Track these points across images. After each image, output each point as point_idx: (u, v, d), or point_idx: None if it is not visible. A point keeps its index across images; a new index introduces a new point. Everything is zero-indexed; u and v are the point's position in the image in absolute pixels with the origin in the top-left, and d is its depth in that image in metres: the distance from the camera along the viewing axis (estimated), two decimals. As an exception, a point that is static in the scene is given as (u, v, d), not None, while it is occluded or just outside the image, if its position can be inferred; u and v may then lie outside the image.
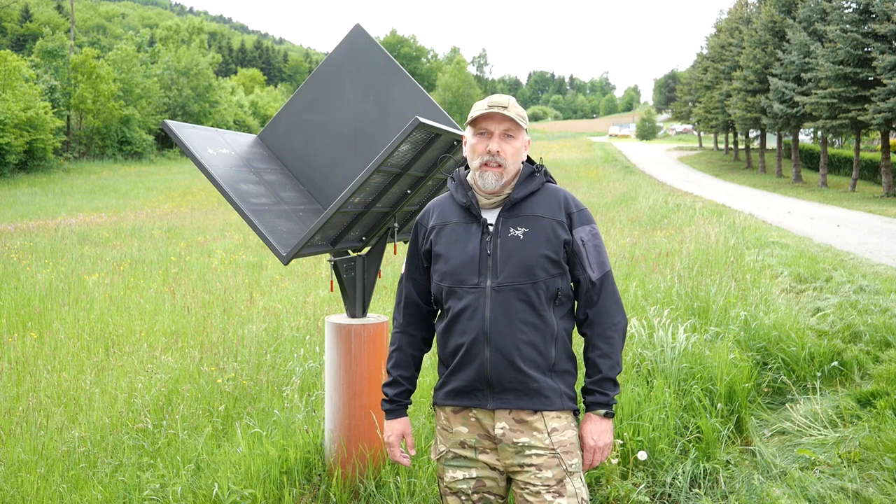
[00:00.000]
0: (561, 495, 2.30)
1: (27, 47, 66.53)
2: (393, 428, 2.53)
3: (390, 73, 3.93)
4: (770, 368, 5.56)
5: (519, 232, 2.35)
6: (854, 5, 27.93)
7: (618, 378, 2.41)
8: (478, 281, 2.33)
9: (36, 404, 4.54)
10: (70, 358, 5.57)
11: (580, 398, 2.44)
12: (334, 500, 3.54)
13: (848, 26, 27.06)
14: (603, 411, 2.37)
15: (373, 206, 3.47)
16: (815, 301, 7.81)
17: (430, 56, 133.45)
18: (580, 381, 2.47)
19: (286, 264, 3.23)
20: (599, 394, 2.37)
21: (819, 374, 5.45)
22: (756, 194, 28.13)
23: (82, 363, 5.47)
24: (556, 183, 2.50)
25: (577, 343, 4.30)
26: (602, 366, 2.36)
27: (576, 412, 2.43)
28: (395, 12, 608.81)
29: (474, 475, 2.39)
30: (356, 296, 3.73)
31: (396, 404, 2.53)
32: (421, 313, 2.54)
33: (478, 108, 2.37)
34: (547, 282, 2.33)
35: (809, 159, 45.55)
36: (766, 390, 5.31)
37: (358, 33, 3.98)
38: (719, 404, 4.61)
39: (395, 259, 10.00)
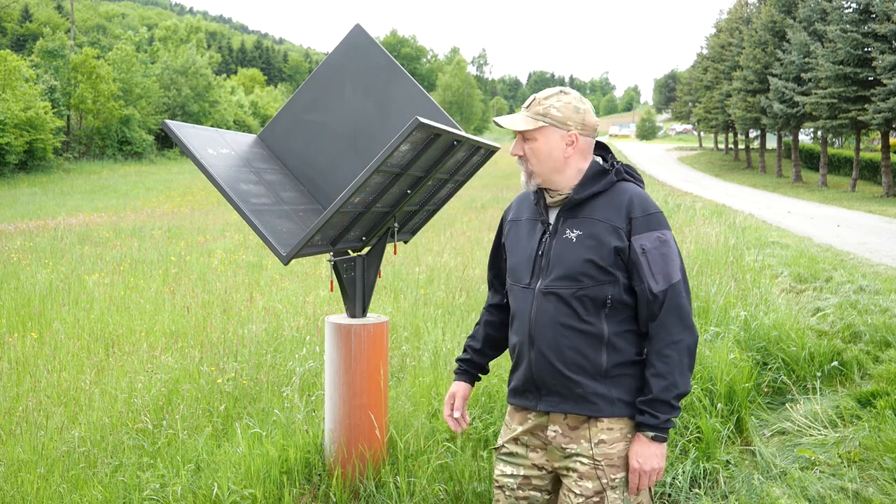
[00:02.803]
0: None
1: (27, 47, 66.51)
2: (449, 389, 2.63)
3: (390, 73, 3.93)
4: (770, 368, 5.56)
5: (573, 234, 2.27)
6: (854, 5, 27.94)
7: (677, 402, 2.22)
8: (529, 281, 2.33)
9: (36, 404, 4.53)
10: (70, 358, 5.56)
11: None
12: (334, 500, 3.54)
13: (848, 26, 27.06)
14: (651, 434, 2.22)
15: (373, 206, 3.47)
16: (815, 301, 7.81)
17: (430, 56, 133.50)
18: None
19: (286, 264, 3.23)
20: (649, 415, 2.22)
21: (819, 374, 5.44)
22: (756, 194, 28.13)
23: (82, 363, 5.46)
24: (636, 181, 2.36)
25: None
26: (654, 385, 2.21)
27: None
28: (395, 12, 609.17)
29: (521, 473, 2.39)
30: (356, 296, 3.73)
31: (459, 368, 2.61)
32: (501, 297, 2.58)
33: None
34: (593, 289, 2.24)
35: (809, 159, 45.55)
36: (766, 390, 5.31)
37: (358, 33, 3.98)
38: (719, 404, 4.61)
39: (395, 259, 10.00)
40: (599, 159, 2.39)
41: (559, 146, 2.30)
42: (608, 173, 2.32)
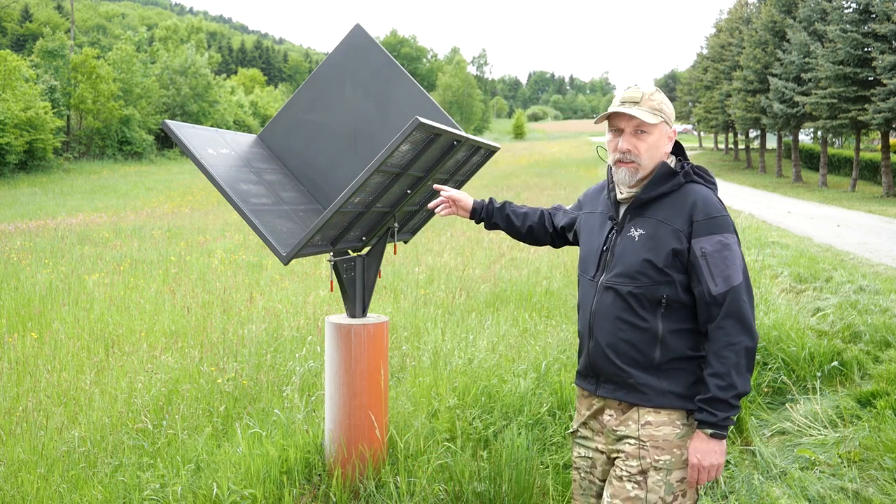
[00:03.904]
0: (640, 487, 2.32)
1: (27, 47, 66.52)
2: None
3: (390, 73, 3.93)
4: (770, 368, 5.56)
5: (636, 233, 2.36)
6: (854, 5, 27.93)
7: (736, 401, 2.26)
8: (594, 274, 2.43)
9: (36, 404, 4.53)
10: (70, 358, 5.56)
11: None
12: (334, 500, 3.54)
13: (848, 26, 27.06)
14: (709, 431, 2.27)
15: (373, 206, 3.47)
16: (815, 301, 7.81)
17: (430, 56, 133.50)
18: None
19: (286, 264, 3.23)
20: (708, 413, 2.26)
21: (819, 374, 5.45)
22: (756, 194, 28.14)
23: (82, 363, 5.46)
24: (707, 183, 2.40)
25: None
26: (711, 385, 2.25)
27: (691, 412, 2.37)
28: (395, 12, 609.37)
29: (590, 455, 2.51)
30: (356, 296, 3.73)
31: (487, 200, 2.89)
32: (549, 220, 2.80)
33: (612, 105, 2.38)
34: (649, 288, 2.31)
35: (809, 159, 45.56)
36: (766, 390, 5.31)
37: (358, 33, 3.98)
38: (719, 404, 4.61)
39: (395, 259, 10.00)
40: (673, 159, 2.46)
41: (664, 142, 2.39)
42: (676, 175, 2.37)
